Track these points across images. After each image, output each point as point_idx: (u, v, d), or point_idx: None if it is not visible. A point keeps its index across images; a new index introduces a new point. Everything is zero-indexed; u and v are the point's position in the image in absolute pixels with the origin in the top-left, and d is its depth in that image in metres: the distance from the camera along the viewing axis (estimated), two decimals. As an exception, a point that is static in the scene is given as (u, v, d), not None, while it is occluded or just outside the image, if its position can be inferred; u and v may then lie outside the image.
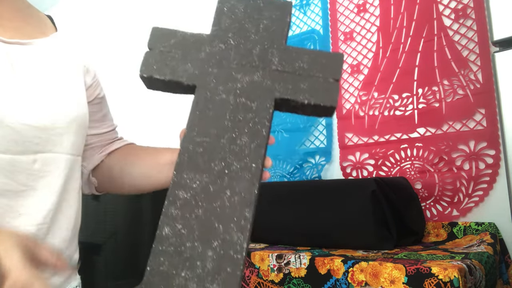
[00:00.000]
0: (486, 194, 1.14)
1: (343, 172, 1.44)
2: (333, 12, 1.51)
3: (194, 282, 0.45)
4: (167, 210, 0.48)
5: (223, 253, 0.46)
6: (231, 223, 0.47)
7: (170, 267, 0.45)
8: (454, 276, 0.70)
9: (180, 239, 0.47)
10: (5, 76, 0.52)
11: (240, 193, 0.48)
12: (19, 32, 0.58)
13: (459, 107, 1.19)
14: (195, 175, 0.49)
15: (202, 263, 0.45)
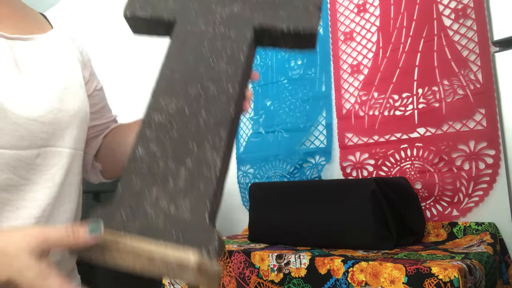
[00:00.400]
0: (486, 194, 1.14)
1: (343, 172, 1.44)
2: (333, 12, 1.51)
3: (165, 199, 0.44)
4: (142, 131, 0.48)
5: (196, 171, 0.46)
6: (206, 142, 0.47)
7: (142, 186, 0.45)
8: (454, 276, 0.70)
9: (153, 158, 0.47)
10: (10, 72, 0.53)
11: (216, 114, 0.49)
12: (19, 28, 0.58)
13: (459, 107, 1.19)
14: (171, 99, 0.50)
15: (174, 181, 0.45)
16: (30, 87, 0.53)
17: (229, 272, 1.04)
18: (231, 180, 1.77)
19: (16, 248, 0.38)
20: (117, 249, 0.42)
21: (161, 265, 0.41)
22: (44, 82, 0.56)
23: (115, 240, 0.42)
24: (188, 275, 0.40)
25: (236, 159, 1.76)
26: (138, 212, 0.45)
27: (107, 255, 0.41)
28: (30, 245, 0.38)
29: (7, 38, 0.55)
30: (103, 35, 2.43)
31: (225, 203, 1.80)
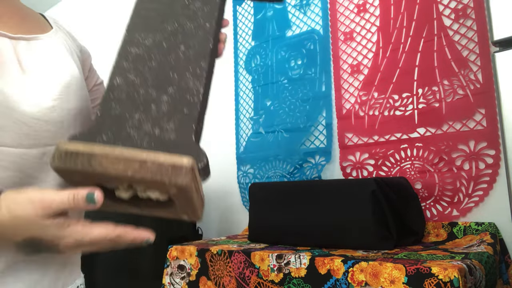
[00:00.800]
0: (486, 194, 1.14)
1: (343, 172, 1.44)
2: (333, 12, 1.51)
3: (149, 123, 0.44)
4: (118, 63, 0.48)
5: (178, 97, 0.46)
6: (187, 72, 0.48)
7: (123, 111, 0.45)
8: (454, 276, 0.70)
9: (132, 87, 0.46)
10: (14, 72, 0.53)
11: (194, 46, 0.49)
12: (21, 28, 0.59)
13: (459, 107, 1.19)
14: (147, 34, 0.50)
15: (157, 107, 0.45)
16: (33, 87, 0.54)
17: (229, 272, 1.04)
18: (231, 180, 1.77)
19: (26, 215, 0.42)
20: (105, 156, 0.41)
21: (154, 168, 0.41)
22: (46, 81, 0.56)
23: (102, 150, 0.41)
24: (182, 177, 0.40)
25: (236, 159, 1.76)
26: (120, 135, 0.44)
27: (95, 163, 0.41)
28: (37, 213, 0.42)
29: (10, 38, 0.55)
30: (104, 34, 2.43)
31: (225, 203, 1.80)
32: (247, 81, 1.75)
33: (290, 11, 1.64)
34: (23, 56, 0.55)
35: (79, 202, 0.42)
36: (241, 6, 1.81)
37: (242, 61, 1.78)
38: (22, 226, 0.42)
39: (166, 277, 1.17)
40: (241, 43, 1.80)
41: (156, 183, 0.41)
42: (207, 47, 0.50)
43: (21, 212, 0.42)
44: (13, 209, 0.42)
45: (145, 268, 1.67)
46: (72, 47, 0.67)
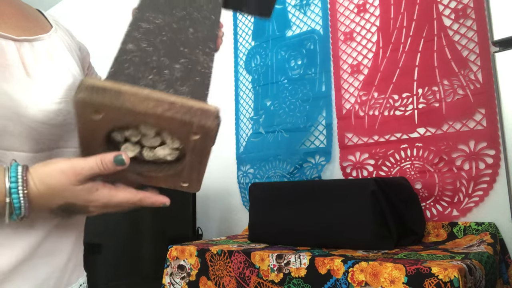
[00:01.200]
0: (486, 194, 1.14)
1: (343, 172, 1.44)
2: (333, 12, 1.51)
3: (163, 84, 0.45)
4: (130, 33, 0.49)
5: (190, 67, 0.48)
6: (196, 49, 0.50)
7: (136, 71, 0.46)
8: (454, 276, 0.70)
9: (145, 53, 0.47)
10: (20, 76, 0.53)
11: (203, 31, 0.53)
12: (24, 29, 0.59)
13: (459, 107, 1.19)
14: (157, 15, 0.52)
15: (170, 72, 0.47)
16: (38, 91, 0.54)
17: (229, 272, 1.04)
18: (231, 180, 1.77)
19: (61, 185, 0.46)
20: (134, 94, 0.42)
21: (184, 109, 0.42)
22: (51, 84, 0.56)
23: (130, 88, 0.42)
24: (210, 120, 0.43)
25: (236, 159, 1.76)
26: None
27: (124, 99, 0.42)
28: (71, 181, 0.46)
29: (14, 40, 0.55)
30: (103, 33, 2.43)
31: (225, 203, 1.80)
32: (247, 81, 1.75)
33: (290, 11, 1.64)
34: (27, 59, 0.56)
35: (108, 165, 0.46)
36: (241, 6, 1.81)
37: (242, 61, 1.78)
38: (57, 195, 0.46)
39: (166, 277, 1.17)
40: (241, 43, 1.80)
41: (184, 124, 0.43)
42: (215, 33, 0.53)
43: (55, 182, 0.45)
44: (47, 181, 0.46)
45: (145, 268, 1.67)
46: (72, 46, 0.67)
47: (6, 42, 0.54)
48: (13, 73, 0.53)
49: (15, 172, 0.45)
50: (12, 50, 0.54)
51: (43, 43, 0.60)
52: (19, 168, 0.46)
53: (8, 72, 0.52)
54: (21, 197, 0.45)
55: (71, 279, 0.61)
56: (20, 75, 0.53)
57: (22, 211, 0.46)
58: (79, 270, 0.64)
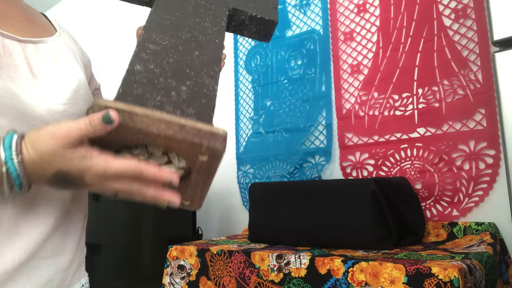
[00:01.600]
0: (486, 194, 1.14)
1: (343, 172, 1.44)
2: (333, 12, 1.51)
3: (171, 105, 0.47)
4: (138, 54, 0.50)
5: (196, 90, 0.49)
6: (202, 72, 0.52)
7: (145, 92, 0.47)
8: (454, 276, 0.70)
9: (153, 75, 0.49)
10: (26, 76, 0.54)
11: (208, 54, 0.54)
12: (29, 31, 0.59)
13: (459, 107, 1.19)
14: (164, 37, 0.53)
15: (177, 94, 0.48)
16: (44, 92, 0.54)
17: (229, 272, 1.04)
18: (231, 180, 1.77)
19: (50, 149, 0.44)
20: (146, 116, 0.43)
21: (193, 132, 0.44)
22: (56, 86, 0.57)
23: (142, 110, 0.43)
24: (219, 142, 0.44)
25: (236, 159, 1.76)
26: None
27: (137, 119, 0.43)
28: (58, 144, 0.43)
29: (20, 41, 0.56)
30: (103, 34, 2.43)
31: (225, 203, 1.80)
32: (247, 81, 1.75)
33: (290, 11, 1.64)
34: (32, 60, 0.56)
35: (96, 125, 0.43)
36: (241, 6, 1.81)
37: (242, 61, 1.78)
38: (48, 161, 0.44)
39: (166, 277, 1.17)
40: (241, 43, 1.80)
41: (193, 146, 0.44)
42: (219, 56, 0.54)
43: (44, 146, 0.44)
44: (37, 146, 0.44)
45: (145, 268, 1.67)
46: (75, 50, 0.67)
47: (12, 43, 0.54)
48: (19, 73, 0.53)
49: (9, 140, 0.44)
50: (17, 51, 0.54)
51: (48, 45, 0.60)
52: (15, 136, 0.45)
53: (14, 71, 0.52)
54: (16, 164, 0.43)
55: (73, 280, 0.61)
56: (26, 76, 0.54)
57: (21, 179, 0.44)
58: (81, 271, 0.65)
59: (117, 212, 1.82)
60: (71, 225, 0.60)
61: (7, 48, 0.53)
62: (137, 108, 0.43)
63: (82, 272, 0.65)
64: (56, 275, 0.57)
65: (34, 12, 0.65)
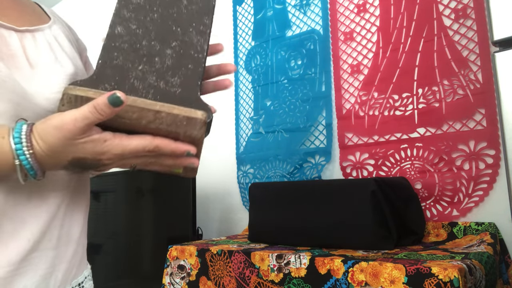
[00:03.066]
0: (486, 194, 1.14)
1: (343, 172, 1.44)
2: (333, 12, 1.51)
3: (154, 75, 0.44)
4: (119, 11, 0.47)
5: (182, 52, 0.46)
6: (190, 28, 0.47)
7: (125, 61, 0.44)
8: (454, 276, 0.70)
9: (135, 37, 0.46)
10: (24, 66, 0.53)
11: (197, 2, 0.49)
12: (24, 20, 0.59)
13: (459, 107, 1.19)
14: None
15: (161, 60, 0.45)
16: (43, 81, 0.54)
17: (229, 272, 1.04)
18: (231, 180, 1.77)
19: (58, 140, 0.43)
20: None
21: (169, 119, 0.41)
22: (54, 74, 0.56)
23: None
24: (197, 129, 0.42)
25: (236, 159, 1.76)
26: (124, 85, 0.44)
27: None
28: (66, 136, 0.43)
29: (17, 31, 0.55)
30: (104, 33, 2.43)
31: (225, 203, 1.80)
32: (247, 81, 1.75)
33: (290, 11, 1.64)
34: (29, 49, 0.55)
35: (103, 109, 0.42)
36: (241, 6, 1.81)
37: (242, 61, 1.78)
38: (61, 151, 0.44)
39: (166, 277, 1.17)
40: (241, 43, 1.80)
41: (169, 134, 0.42)
42: (210, 3, 0.50)
43: (53, 139, 0.43)
44: (45, 139, 0.44)
45: (145, 268, 1.67)
46: (70, 37, 0.67)
47: (9, 33, 0.54)
48: (17, 64, 0.53)
49: (19, 133, 0.44)
50: (14, 41, 0.54)
51: (44, 33, 0.59)
52: (24, 128, 0.44)
53: (12, 62, 0.52)
54: (29, 158, 0.44)
55: (78, 272, 0.62)
56: (24, 66, 0.53)
57: (35, 170, 0.44)
58: (84, 262, 0.65)
59: (117, 212, 1.82)
60: (74, 215, 0.60)
61: (4, 38, 0.53)
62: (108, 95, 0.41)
63: (85, 263, 0.66)
64: (60, 266, 0.57)
65: (26, 2, 0.64)
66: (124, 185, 1.81)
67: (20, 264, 0.51)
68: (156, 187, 1.70)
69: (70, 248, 0.59)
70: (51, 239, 0.55)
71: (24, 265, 0.52)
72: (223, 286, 1.04)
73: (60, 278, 0.57)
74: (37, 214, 0.53)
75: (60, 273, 0.57)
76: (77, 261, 0.62)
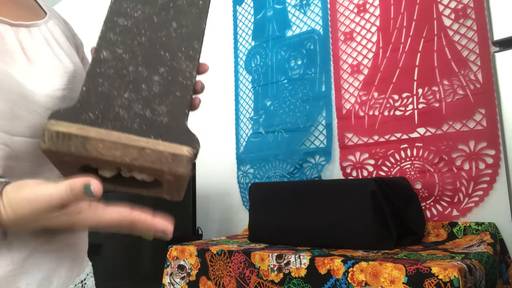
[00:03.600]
0: (486, 194, 1.14)
1: (343, 172, 1.44)
2: (333, 12, 1.51)
3: (140, 103, 0.43)
4: (104, 34, 0.45)
5: (171, 79, 0.44)
6: (179, 53, 0.46)
7: (111, 88, 0.43)
8: (454, 276, 0.70)
9: (121, 63, 0.44)
10: (21, 61, 0.52)
11: (187, 25, 0.47)
12: (17, 14, 0.57)
13: (459, 107, 1.19)
14: (136, 5, 0.47)
15: (148, 87, 0.43)
16: (42, 77, 0.53)
17: (229, 272, 1.04)
18: (231, 180, 1.77)
19: (29, 214, 0.42)
20: (101, 141, 0.40)
21: (153, 156, 0.40)
22: (53, 71, 0.56)
23: (97, 133, 0.40)
24: (182, 166, 0.40)
25: (236, 159, 1.76)
26: (109, 114, 0.42)
27: (91, 147, 0.40)
28: (38, 210, 0.42)
29: (12, 25, 0.54)
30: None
31: (225, 203, 1.80)
32: (247, 81, 1.75)
33: (290, 11, 1.64)
34: (26, 44, 0.54)
35: (78, 194, 0.41)
36: (241, 6, 1.81)
37: (242, 61, 1.78)
38: (30, 222, 0.43)
39: (166, 277, 1.17)
40: (241, 43, 1.80)
41: (154, 171, 0.41)
42: (201, 27, 0.48)
43: (23, 212, 0.42)
44: (15, 210, 0.43)
45: (145, 268, 1.67)
46: (67, 33, 0.66)
47: (4, 27, 0.53)
48: (14, 58, 0.52)
49: None
50: (10, 35, 0.53)
51: (40, 29, 0.58)
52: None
53: (9, 56, 0.51)
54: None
55: (80, 270, 0.62)
56: (21, 61, 0.52)
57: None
58: (86, 259, 0.65)
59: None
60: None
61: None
62: (91, 130, 0.40)
63: (86, 261, 0.66)
64: (64, 265, 0.57)
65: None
66: (124, 185, 1.81)
67: (23, 262, 0.51)
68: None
69: (73, 247, 0.59)
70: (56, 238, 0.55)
71: (27, 263, 0.52)
72: (223, 286, 1.04)
73: (64, 276, 0.57)
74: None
75: (64, 271, 0.57)
76: (80, 259, 0.62)
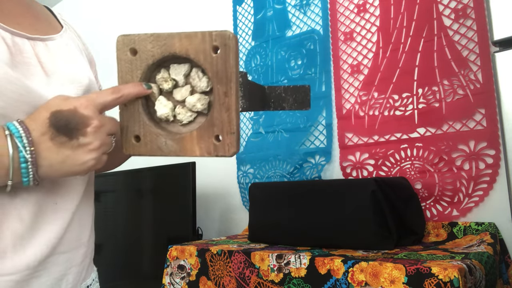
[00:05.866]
0: (486, 194, 1.14)
1: (343, 172, 1.44)
2: (333, 12, 1.51)
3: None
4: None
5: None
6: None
7: None
8: (454, 276, 0.70)
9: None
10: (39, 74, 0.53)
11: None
12: (35, 28, 0.58)
13: (459, 107, 1.19)
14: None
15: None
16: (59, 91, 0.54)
17: (229, 272, 1.04)
18: (231, 180, 1.77)
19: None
20: (157, 36, 0.53)
21: (201, 31, 0.52)
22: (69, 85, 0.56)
23: (151, 34, 0.53)
24: (226, 32, 0.51)
25: (236, 159, 1.76)
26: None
27: (153, 35, 0.53)
28: (84, 114, 0.47)
29: (29, 38, 0.54)
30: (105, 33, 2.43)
31: (225, 203, 1.80)
32: (247, 81, 1.75)
33: (290, 11, 1.64)
34: (43, 58, 0.55)
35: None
36: (241, 6, 1.81)
37: (242, 61, 1.78)
38: (42, 108, 0.47)
39: (166, 277, 1.17)
40: (241, 43, 1.80)
41: (204, 37, 0.51)
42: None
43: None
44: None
45: (145, 268, 1.67)
46: (81, 47, 0.67)
47: (22, 40, 0.53)
48: (32, 71, 0.52)
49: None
50: (28, 48, 0.53)
51: (56, 43, 0.59)
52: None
53: (27, 69, 0.52)
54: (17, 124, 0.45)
55: (86, 274, 0.63)
56: (39, 73, 0.53)
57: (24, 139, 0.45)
58: (91, 265, 0.66)
59: (117, 212, 1.82)
60: (83, 219, 0.61)
61: (17, 46, 0.52)
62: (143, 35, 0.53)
63: (92, 266, 0.66)
64: (71, 270, 0.58)
65: (38, 7, 0.63)
66: (124, 185, 1.81)
67: (37, 268, 0.52)
68: (156, 187, 1.70)
69: (81, 251, 0.60)
70: (64, 244, 0.57)
71: (40, 268, 0.53)
72: (223, 286, 1.04)
73: (71, 280, 0.58)
74: (54, 222, 0.54)
75: (71, 275, 0.58)
76: (86, 264, 0.63)
